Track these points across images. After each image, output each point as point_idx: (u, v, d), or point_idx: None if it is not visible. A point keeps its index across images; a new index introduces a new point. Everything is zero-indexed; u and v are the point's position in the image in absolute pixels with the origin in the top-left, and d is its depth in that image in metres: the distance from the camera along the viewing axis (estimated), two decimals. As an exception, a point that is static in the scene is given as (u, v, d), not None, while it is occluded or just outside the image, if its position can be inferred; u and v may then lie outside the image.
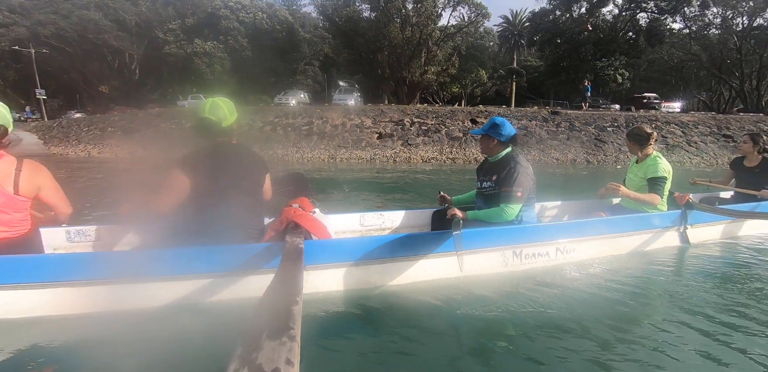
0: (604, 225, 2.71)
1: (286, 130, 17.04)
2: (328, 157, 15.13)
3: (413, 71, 26.58)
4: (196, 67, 28.33)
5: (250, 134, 17.11)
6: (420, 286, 2.18)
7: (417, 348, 1.64)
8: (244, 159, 2.05)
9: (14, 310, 1.74)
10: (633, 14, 28.98)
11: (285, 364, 0.72)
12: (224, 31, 29.03)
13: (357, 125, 16.87)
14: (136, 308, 1.80)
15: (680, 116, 18.77)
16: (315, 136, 16.36)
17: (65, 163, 14.69)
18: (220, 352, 1.28)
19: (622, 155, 15.45)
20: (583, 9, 30.15)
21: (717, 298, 2.16)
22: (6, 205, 1.77)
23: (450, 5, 24.64)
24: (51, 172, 1.90)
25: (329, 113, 17.93)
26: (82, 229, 2.43)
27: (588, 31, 27.89)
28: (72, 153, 20.80)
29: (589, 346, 1.65)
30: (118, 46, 33.15)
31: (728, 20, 29.06)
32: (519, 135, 2.55)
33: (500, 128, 2.48)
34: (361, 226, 3.01)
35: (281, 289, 1.16)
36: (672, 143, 16.08)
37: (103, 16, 32.02)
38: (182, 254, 1.87)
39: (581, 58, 29.26)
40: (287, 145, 16.07)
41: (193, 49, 28.17)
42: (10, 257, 1.73)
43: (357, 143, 15.76)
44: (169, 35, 30.61)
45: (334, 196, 6.40)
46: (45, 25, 34.22)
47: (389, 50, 25.68)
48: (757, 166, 3.53)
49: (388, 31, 24.45)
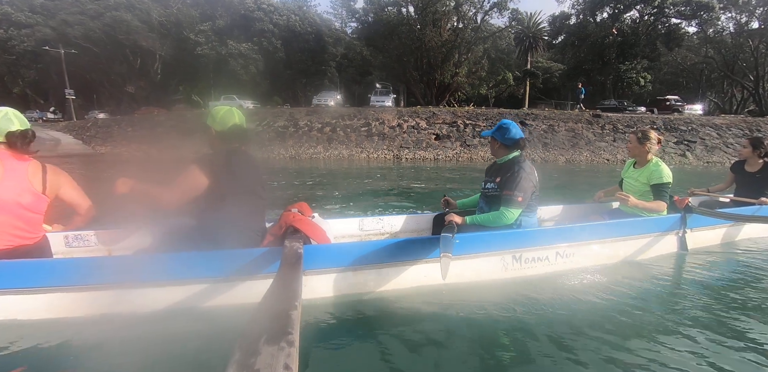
0: (604, 229, 2.70)
1: (345, 131, 17.84)
2: (393, 157, 15.97)
3: (445, 74, 27.47)
4: (231, 68, 28.97)
5: (311, 135, 17.91)
6: (420, 290, 2.17)
7: (417, 354, 1.65)
8: (257, 165, 2.11)
9: (14, 314, 1.77)
10: (656, 19, 30.09)
11: (283, 369, 0.72)
12: (258, 32, 29.70)
13: (413, 127, 17.73)
14: (134, 313, 1.81)
15: (713, 119, 19.79)
16: (376, 137, 17.19)
17: (136, 163, 14.98)
18: (218, 356, 1.36)
19: (666, 156, 16.40)
20: (605, 14, 31.22)
21: (717, 302, 2.16)
22: (32, 205, 1.84)
23: (488, 10, 25.56)
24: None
25: (383, 115, 18.76)
26: (81, 234, 2.41)
27: (613, 35, 28.95)
28: (126, 152, 21.16)
29: (589, 351, 1.65)
30: (148, 46, 33.63)
31: (743, 25, 30.25)
32: (525, 139, 2.57)
33: (505, 132, 2.49)
34: (361, 231, 3.00)
35: (280, 294, 1.16)
36: (711, 145, 17.09)
37: (133, 17, 32.51)
38: (181, 259, 1.86)
39: (604, 61, 30.31)
40: (350, 145, 16.89)
41: (228, 50, 28.78)
42: (12, 262, 1.76)
43: (418, 144, 16.62)
44: (200, 36, 31.17)
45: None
46: (73, 25, 34.47)
47: (424, 53, 26.56)
48: (759, 172, 3.45)
49: (424, 34, 25.32)
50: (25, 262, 1.77)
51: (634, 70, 29.52)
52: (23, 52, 36.05)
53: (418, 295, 2.14)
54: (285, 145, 17.32)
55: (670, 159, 15.95)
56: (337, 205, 5.47)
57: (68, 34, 34.01)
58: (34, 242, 1.88)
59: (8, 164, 1.79)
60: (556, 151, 16.34)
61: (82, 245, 2.41)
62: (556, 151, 16.34)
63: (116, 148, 22.61)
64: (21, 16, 36.37)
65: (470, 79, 29.15)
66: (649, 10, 29.32)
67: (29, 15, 36.81)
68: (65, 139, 26.46)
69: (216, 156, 1.95)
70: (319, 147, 16.94)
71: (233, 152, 1.99)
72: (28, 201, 1.81)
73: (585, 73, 32.28)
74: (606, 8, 30.36)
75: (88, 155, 21.49)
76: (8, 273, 1.72)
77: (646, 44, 30.07)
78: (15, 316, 1.75)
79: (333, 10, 43.68)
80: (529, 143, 16.51)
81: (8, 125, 1.82)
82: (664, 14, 29.70)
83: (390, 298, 2.10)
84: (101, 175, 10.22)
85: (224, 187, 1.88)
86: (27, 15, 36.78)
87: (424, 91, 29.11)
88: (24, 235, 1.83)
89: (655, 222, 2.88)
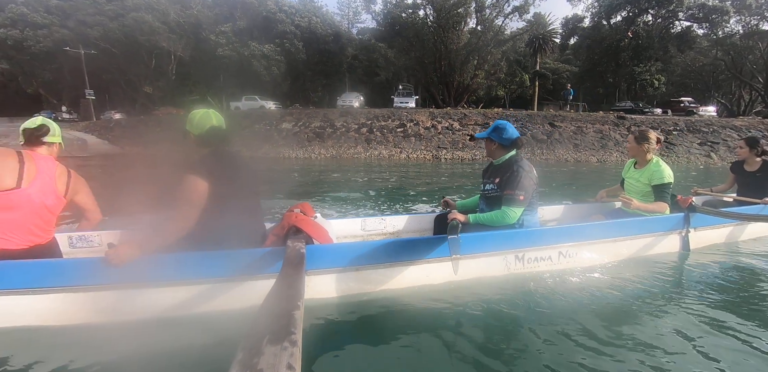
0: (607, 228, 2.70)
1: (382, 131, 18.44)
2: (432, 157, 16.58)
3: (465, 75, 28.10)
4: (254, 69, 29.46)
5: (349, 135, 18.48)
6: (422, 290, 2.19)
7: (419, 353, 1.65)
8: (247, 163, 2.11)
9: (21, 314, 1.76)
10: (669, 22, 30.83)
11: (286, 369, 0.72)
12: (280, 34, 30.22)
13: (447, 128, 18.35)
14: (138, 312, 1.83)
15: (732, 121, 20.50)
16: (413, 138, 17.80)
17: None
18: (221, 357, 1.32)
19: (692, 157, 17.08)
20: (619, 17, 31.92)
21: (720, 301, 2.15)
22: (53, 207, 1.88)
23: (509, 14, 26.21)
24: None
25: (417, 116, 19.37)
26: (85, 235, 2.41)
27: (629, 38, 29.66)
28: (159, 152, 21.54)
29: (591, 351, 1.65)
30: (168, 47, 34.06)
31: (753, 26, 30.96)
32: (522, 138, 2.56)
33: (501, 132, 2.48)
34: (363, 231, 3.00)
35: (283, 294, 1.16)
36: (733, 146, 17.79)
37: (154, 19, 32.94)
38: (184, 259, 1.87)
39: (619, 64, 31.02)
40: (389, 146, 17.49)
41: (251, 51, 29.27)
42: (12, 262, 1.75)
43: (454, 144, 17.24)
44: (221, 37, 31.64)
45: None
46: (92, 26, 34.77)
47: (444, 55, 27.18)
48: (758, 170, 3.45)
49: (447, 37, 25.94)
50: (37, 263, 1.78)
51: (648, 72, 30.24)
52: (38, 52, 36.27)
53: (421, 294, 2.15)
54: (325, 146, 17.89)
55: (696, 160, 16.63)
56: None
57: (88, 34, 34.31)
58: (47, 242, 1.93)
59: (41, 165, 1.85)
60: (587, 152, 17.00)
61: (86, 246, 2.43)
62: (587, 152, 17.00)
63: (147, 148, 22.86)
64: (37, 17, 36.63)
65: (489, 80, 29.85)
66: (663, 13, 30.04)
67: (45, 15, 37.07)
68: (90, 140, 26.82)
69: (204, 159, 1.91)
70: (359, 147, 17.52)
71: (218, 153, 1.97)
72: (51, 203, 1.86)
73: (599, 75, 32.99)
74: (621, 12, 31.05)
75: (118, 155, 21.86)
76: (19, 273, 1.73)
77: (660, 47, 30.81)
78: (22, 317, 1.76)
79: (340, 12, 44.35)
80: (560, 144, 17.19)
81: (30, 126, 1.92)
82: (677, 17, 30.44)
83: (392, 298, 2.11)
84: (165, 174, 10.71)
85: (220, 188, 1.86)
86: (42, 15, 37.04)
87: (442, 92, 29.75)
88: (40, 234, 1.88)
89: (659, 221, 2.86)
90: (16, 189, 1.74)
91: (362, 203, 5.81)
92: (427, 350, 1.68)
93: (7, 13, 36.78)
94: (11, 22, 36.85)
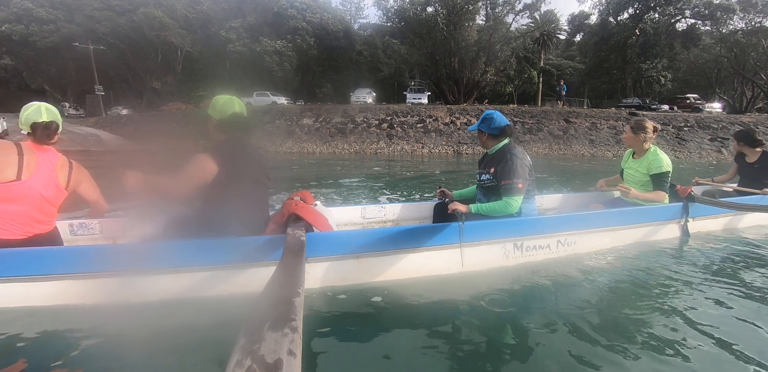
0: (606, 217, 2.70)
1: (402, 127, 18.85)
2: (453, 152, 17.03)
3: (475, 72, 28.51)
4: (266, 65, 29.68)
5: (371, 131, 18.88)
6: (422, 278, 2.20)
7: (418, 340, 1.66)
8: (261, 154, 2.14)
9: (23, 300, 1.80)
10: (676, 20, 31.32)
11: (287, 354, 0.73)
12: (291, 30, 30.40)
13: (466, 124, 18.78)
14: (139, 300, 1.84)
15: (740, 117, 21.04)
16: (433, 134, 18.23)
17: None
18: (222, 343, 1.36)
19: (704, 152, 17.60)
20: (626, 14, 32.36)
21: (718, 291, 2.16)
22: (53, 198, 1.89)
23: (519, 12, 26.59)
24: None
25: (435, 112, 19.80)
26: (85, 223, 2.43)
27: (636, 35, 30.14)
28: (182, 148, 21.76)
29: (589, 340, 1.66)
30: (177, 43, 34.15)
31: (758, 24, 31.49)
32: (511, 126, 2.56)
33: (490, 122, 2.51)
34: (363, 219, 3.02)
35: (283, 281, 1.18)
36: (742, 141, 18.36)
37: (164, 14, 32.98)
38: (185, 247, 1.88)
39: (625, 61, 31.52)
40: (410, 141, 17.91)
41: (263, 47, 29.48)
42: (25, 250, 1.78)
43: (474, 140, 17.66)
44: (231, 33, 31.78)
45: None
46: (100, 21, 34.71)
47: (455, 52, 27.56)
48: (757, 162, 3.48)
49: (459, 33, 26.30)
50: (35, 250, 1.80)
51: (655, 69, 30.76)
52: (44, 48, 36.16)
53: (420, 282, 2.17)
54: (347, 141, 18.29)
55: (708, 155, 17.16)
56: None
57: (96, 30, 34.27)
58: (47, 231, 1.95)
59: (41, 158, 1.86)
60: (604, 147, 17.50)
61: (87, 233, 2.45)
62: (604, 147, 17.50)
63: (167, 144, 23.05)
64: (42, 12, 36.45)
65: (498, 76, 30.30)
66: (671, 10, 30.50)
67: (50, 10, 36.90)
68: (104, 136, 26.91)
69: (223, 145, 1.94)
70: (381, 142, 17.93)
71: (238, 141, 2.00)
72: (51, 194, 1.88)
73: (605, 72, 33.48)
74: (629, 9, 31.49)
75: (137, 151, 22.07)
76: (20, 261, 1.76)
77: (666, 44, 31.31)
78: (24, 303, 1.80)
79: (343, 7, 44.46)
80: (576, 139, 17.68)
81: (36, 117, 1.89)
82: (684, 15, 30.93)
83: (391, 285, 2.12)
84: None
85: (231, 175, 1.88)
86: (47, 10, 36.86)
87: (452, 88, 30.15)
88: (40, 225, 1.90)
89: (657, 211, 2.87)
90: (16, 181, 1.77)
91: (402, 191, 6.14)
92: (425, 337, 1.69)
93: (12, 8, 36.54)
94: (16, 17, 36.64)
